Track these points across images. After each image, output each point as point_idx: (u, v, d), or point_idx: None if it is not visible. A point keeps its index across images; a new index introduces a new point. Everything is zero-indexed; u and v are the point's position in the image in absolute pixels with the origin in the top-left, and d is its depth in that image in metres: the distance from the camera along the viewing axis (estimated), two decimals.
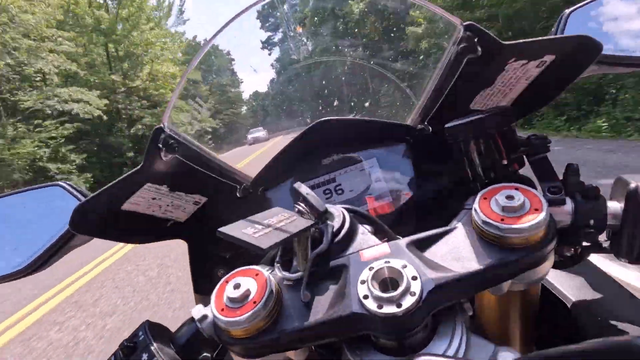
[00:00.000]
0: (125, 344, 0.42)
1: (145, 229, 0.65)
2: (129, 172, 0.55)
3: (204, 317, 0.41)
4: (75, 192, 0.73)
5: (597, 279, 0.65)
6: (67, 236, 0.67)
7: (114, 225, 0.60)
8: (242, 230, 0.38)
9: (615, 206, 0.46)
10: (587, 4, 0.74)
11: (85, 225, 0.57)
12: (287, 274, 0.42)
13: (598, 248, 0.48)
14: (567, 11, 0.71)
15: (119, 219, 0.59)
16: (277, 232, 0.38)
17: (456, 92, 0.59)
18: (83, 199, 0.67)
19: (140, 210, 0.60)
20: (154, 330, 0.44)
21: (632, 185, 0.44)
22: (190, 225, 0.68)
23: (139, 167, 0.55)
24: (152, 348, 0.41)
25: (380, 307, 0.34)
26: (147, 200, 0.59)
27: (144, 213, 0.61)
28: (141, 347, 0.42)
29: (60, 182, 0.79)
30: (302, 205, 0.44)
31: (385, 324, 0.34)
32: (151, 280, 3.86)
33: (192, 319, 0.42)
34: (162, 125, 0.55)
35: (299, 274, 0.41)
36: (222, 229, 0.38)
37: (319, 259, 0.41)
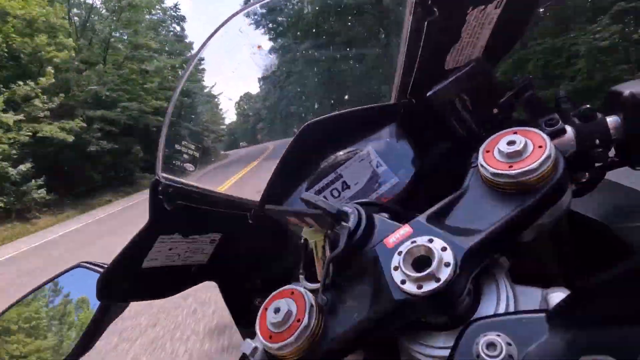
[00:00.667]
0: None
1: (171, 281, 0.66)
2: (139, 231, 0.55)
3: (255, 349, 0.41)
4: (95, 267, 0.74)
5: (618, 192, 0.64)
6: (102, 310, 0.68)
7: (140, 285, 0.61)
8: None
9: (615, 120, 0.45)
10: None
11: (112, 294, 0.57)
12: (315, 285, 0.42)
13: (611, 165, 0.48)
14: None
15: (143, 278, 0.60)
16: None
17: (427, 58, 0.59)
18: (101, 270, 0.68)
19: (160, 264, 0.61)
20: None
21: (626, 92, 0.44)
22: (214, 265, 0.69)
23: (146, 223, 0.55)
24: None
25: (420, 287, 0.34)
26: (164, 252, 0.60)
27: (165, 266, 0.61)
28: None
29: (80, 263, 0.81)
30: (313, 215, 0.44)
31: (430, 301, 0.34)
32: None
33: (244, 356, 0.43)
34: (157, 177, 0.55)
35: (331, 281, 0.41)
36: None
37: (341, 262, 0.41)
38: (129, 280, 0.59)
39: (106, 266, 0.63)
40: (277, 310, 0.39)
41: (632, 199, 0.62)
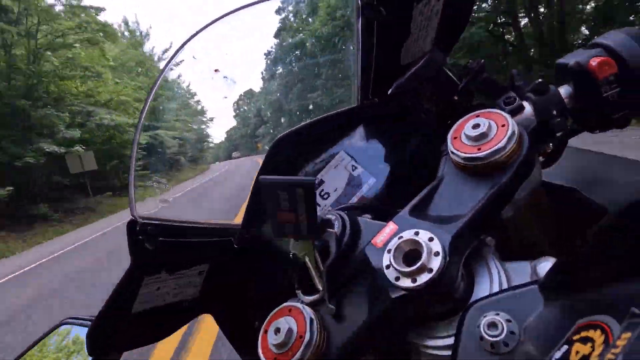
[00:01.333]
0: None
1: (164, 322, 0.63)
2: (122, 277, 0.53)
3: None
4: (82, 321, 0.71)
5: (583, 157, 0.67)
6: None
7: (132, 333, 0.58)
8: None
9: (567, 90, 0.48)
10: None
11: (105, 347, 0.55)
12: (314, 297, 0.42)
13: (571, 132, 0.50)
14: None
15: (135, 325, 0.57)
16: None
17: (382, 57, 0.60)
18: (88, 323, 0.65)
19: (150, 307, 0.58)
20: None
21: (572, 62, 0.46)
22: (206, 297, 0.67)
23: (129, 267, 0.53)
24: None
25: (414, 280, 0.34)
26: (152, 294, 0.58)
27: (155, 307, 0.59)
28: None
29: (65, 320, 0.77)
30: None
31: (427, 293, 0.35)
32: None
33: None
34: (132, 217, 0.54)
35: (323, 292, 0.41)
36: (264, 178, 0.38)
37: (336, 269, 0.41)
38: (120, 329, 0.56)
39: (93, 318, 0.60)
40: (277, 331, 0.38)
41: (595, 162, 0.65)
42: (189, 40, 0.62)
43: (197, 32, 0.62)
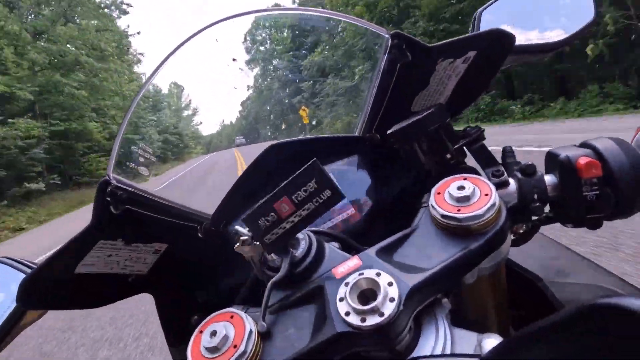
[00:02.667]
0: None
1: (104, 290, 0.61)
2: (78, 233, 0.51)
3: None
4: (19, 265, 0.67)
5: (553, 249, 0.69)
6: (18, 314, 0.61)
7: (69, 292, 0.56)
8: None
9: (551, 179, 0.50)
10: (495, 1, 0.81)
11: (36, 300, 0.52)
12: (257, 312, 0.41)
13: (546, 220, 0.52)
14: (479, 10, 0.78)
15: (74, 284, 0.55)
16: None
17: (396, 98, 0.62)
18: (29, 271, 0.61)
19: (95, 271, 0.56)
20: None
21: (562, 156, 0.48)
22: (154, 276, 0.65)
23: (88, 225, 0.51)
24: None
25: (363, 320, 0.34)
26: (102, 258, 0.55)
27: (100, 273, 0.57)
28: None
29: (2, 258, 0.73)
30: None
31: (372, 336, 0.34)
32: None
33: None
34: (107, 177, 0.52)
35: (274, 306, 0.40)
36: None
37: (282, 287, 0.41)
38: (57, 286, 0.54)
39: (33, 267, 0.57)
40: (213, 334, 0.37)
41: (562, 256, 0.67)
42: (178, 48, 0.63)
43: (188, 39, 0.63)
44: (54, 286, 0.53)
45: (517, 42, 0.57)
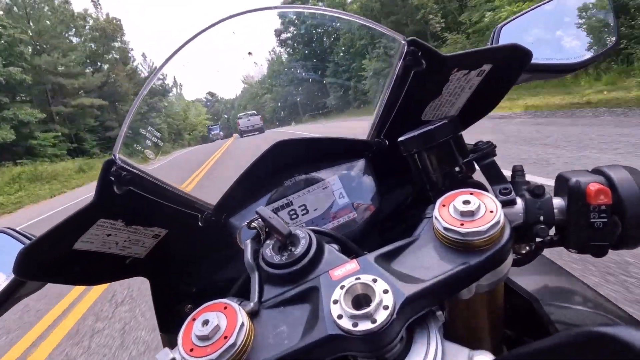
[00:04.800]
0: None
1: (101, 269, 0.61)
2: (80, 209, 0.51)
3: None
4: (19, 236, 0.67)
5: (553, 272, 0.69)
6: (14, 285, 0.61)
7: (65, 267, 0.56)
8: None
9: (559, 202, 0.49)
10: (516, 18, 0.81)
11: (32, 271, 0.52)
12: (251, 306, 0.41)
13: (550, 242, 0.51)
14: (499, 26, 0.77)
15: (71, 260, 0.55)
16: None
17: (407, 105, 0.61)
18: (27, 242, 0.62)
19: (94, 249, 0.56)
20: None
21: (573, 180, 0.48)
22: (151, 261, 0.65)
23: (90, 202, 0.52)
24: None
25: (355, 325, 0.34)
26: (101, 237, 0.56)
27: (98, 251, 0.57)
28: None
29: (2, 228, 0.73)
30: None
31: (363, 341, 0.34)
32: None
33: None
34: (113, 156, 0.52)
35: (268, 302, 0.40)
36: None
37: (283, 284, 0.41)
38: (55, 259, 0.54)
39: (32, 239, 0.58)
40: (205, 323, 0.37)
41: (561, 279, 0.67)
42: (180, 48, 0.63)
43: (188, 41, 0.63)
44: (51, 259, 0.54)
45: (534, 60, 0.56)
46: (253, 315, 0.40)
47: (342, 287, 0.37)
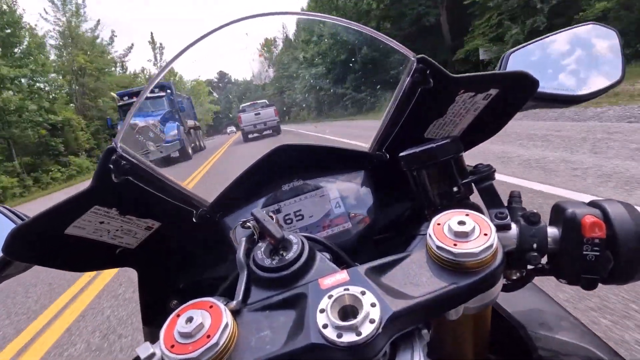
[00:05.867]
0: None
1: (90, 257, 0.60)
2: (76, 194, 0.51)
3: (151, 355, 0.37)
4: (12, 215, 0.67)
5: (542, 300, 0.69)
6: (2, 264, 0.61)
7: (55, 251, 0.55)
8: None
9: (554, 231, 0.49)
10: (525, 46, 0.81)
11: (21, 251, 0.52)
12: (235, 304, 0.40)
13: (541, 271, 0.51)
14: (508, 52, 0.78)
15: (62, 244, 0.55)
16: None
17: (411, 121, 0.62)
18: (20, 222, 0.61)
19: (85, 235, 0.56)
20: None
21: (569, 211, 0.48)
22: (141, 252, 0.64)
23: (86, 188, 0.52)
24: None
25: (339, 336, 0.34)
26: (94, 224, 0.55)
27: (89, 238, 0.57)
28: None
29: None
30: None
31: (346, 353, 0.34)
32: None
33: (137, 359, 0.39)
34: (114, 144, 0.52)
35: (254, 305, 0.40)
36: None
37: (271, 288, 0.41)
38: (46, 242, 0.54)
39: (25, 219, 0.57)
40: (189, 320, 0.37)
41: (549, 309, 0.67)
42: (186, 49, 0.63)
43: (194, 43, 0.63)
44: (42, 242, 0.53)
45: (540, 89, 0.57)
46: (235, 313, 0.40)
47: (330, 297, 0.37)
